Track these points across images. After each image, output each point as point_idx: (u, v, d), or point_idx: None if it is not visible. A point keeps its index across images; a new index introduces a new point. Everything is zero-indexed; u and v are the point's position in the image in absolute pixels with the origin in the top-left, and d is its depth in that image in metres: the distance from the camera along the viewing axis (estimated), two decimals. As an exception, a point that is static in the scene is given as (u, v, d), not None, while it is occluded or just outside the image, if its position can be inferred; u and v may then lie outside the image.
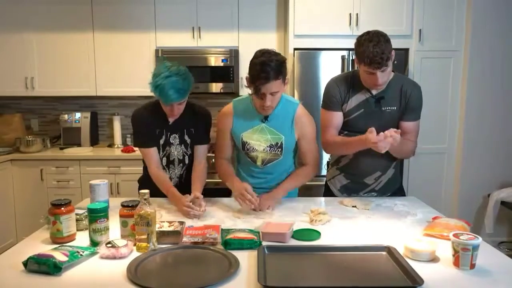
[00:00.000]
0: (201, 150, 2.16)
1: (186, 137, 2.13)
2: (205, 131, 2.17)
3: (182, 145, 2.13)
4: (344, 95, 2.04)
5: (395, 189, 2.20)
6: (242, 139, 2.04)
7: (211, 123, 2.19)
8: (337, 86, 2.06)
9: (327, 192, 2.27)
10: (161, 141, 2.11)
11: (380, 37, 1.85)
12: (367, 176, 2.10)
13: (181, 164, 2.15)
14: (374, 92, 2.00)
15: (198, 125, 2.14)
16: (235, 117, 2.06)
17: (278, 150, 2.02)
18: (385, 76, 1.90)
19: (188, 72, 1.97)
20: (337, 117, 2.06)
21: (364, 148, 1.89)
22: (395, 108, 2.01)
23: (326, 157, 3.12)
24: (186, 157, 2.15)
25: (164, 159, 2.13)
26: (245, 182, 2.03)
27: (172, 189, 2.00)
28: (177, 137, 2.11)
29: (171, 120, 2.09)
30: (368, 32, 1.89)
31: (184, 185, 2.11)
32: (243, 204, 1.89)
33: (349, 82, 2.05)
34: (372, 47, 1.81)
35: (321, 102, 2.12)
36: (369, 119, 2.00)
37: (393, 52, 1.87)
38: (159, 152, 2.12)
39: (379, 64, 1.83)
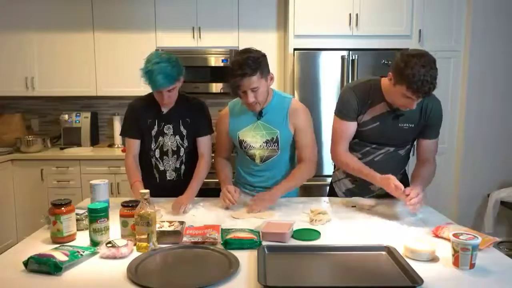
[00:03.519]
0: (201, 143, 2.16)
1: (182, 128, 2.13)
2: (203, 122, 2.16)
3: (177, 135, 2.13)
4: (361, 106, 1.93)
5: None
6: (239, 137, 2.05)
7: (209, 113, 2.20)
8: (355, 96, 1.94)
9: (332, 194, 2.25)
10: (153, 132, 2.13)
11: (432, 64, 1.68)
12: (371, 184, 2.02)
13: (175, 156, 2.15)
14: (394, 107, 1.89)
15: (194, 115, 2.14)
16: (231, 117, 2.08)
17: (274, 145, 2.03)
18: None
19: (178, 61, 2.01)
20: (351, 128, 1.99)
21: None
22: (412, 125, 1.92)
23: (326, 157, 3.10)
24: (182, 149, 2.15)
25: (158, 151, 2.14)
26: (241, 179, 2.04)
27: (138, 182, 2.04)
28: (171, 127, 2.12)
29: (164, 110, 2.11)
30: (420, 55, 1.69)
31: (183, 182, 2.10)
32: (221, 202, 1.95)
33: (367, 93, 1.92)
34: (423, 74, 1.64)
35: (335, 109, 2.03)
36: (383, 134, 1.95)
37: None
38: (151, 143, 2.14)
39: (426, 93, 1.69)
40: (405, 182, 2.18)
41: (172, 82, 1.97)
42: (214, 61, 3.77)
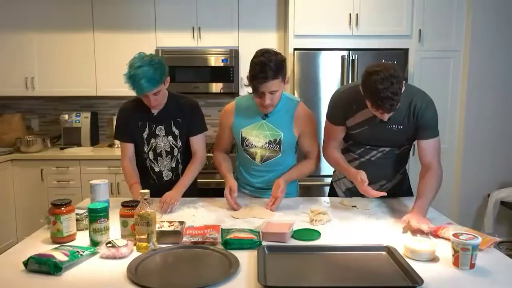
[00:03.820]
0: (194, 142, 2.15)
1: (174, 128, 2.12)
2: (195, 120, 2.15)
3: (170, 136, 2.12)
4: (348, 111, 1.95)
5: (402, 191, 2.15)
6: (241, 134, 2.06)
7: (201, 112, 2.19)
8: (342, 102, 1.97)
9: (332, 193, 2.26)
10: (145, 134, 2.12)
11: (392, 79, 1.63)
12: (371, 184, 1.96)
13: (170, 156, 2.15)
14: None
15: (185, 114, 2.13)
16: (236, 113, 2.08)
17: (276, 147, 2.03)
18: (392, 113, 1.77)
19: (161, 62, 1.97)
20: (339, 132, 2.03)
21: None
22: (402, 127, 1.88)
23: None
24: (176, 149, 2.14)
25: (151, 153, 2.14)
26: (241, 178, 2.03)
27: (136, 184, 2.05)
28: (162, 128, 2.11)
29: (154, 111, 2.10)
30: (378, 72, 1.65)
31: None
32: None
33: (354, 98, 1.89)
34: (382, 92, 1.62)
35: (326, 111, 2.06)
36: (373, 136, 1.96)
37: (403, 89, 1.68)
38: (144, 146, 2.13)
39: (388, 110, 1.68)
40: (405, 181, 2.19)
41: (156, 85, 1.94)
42: (214, 61, 3.76)
